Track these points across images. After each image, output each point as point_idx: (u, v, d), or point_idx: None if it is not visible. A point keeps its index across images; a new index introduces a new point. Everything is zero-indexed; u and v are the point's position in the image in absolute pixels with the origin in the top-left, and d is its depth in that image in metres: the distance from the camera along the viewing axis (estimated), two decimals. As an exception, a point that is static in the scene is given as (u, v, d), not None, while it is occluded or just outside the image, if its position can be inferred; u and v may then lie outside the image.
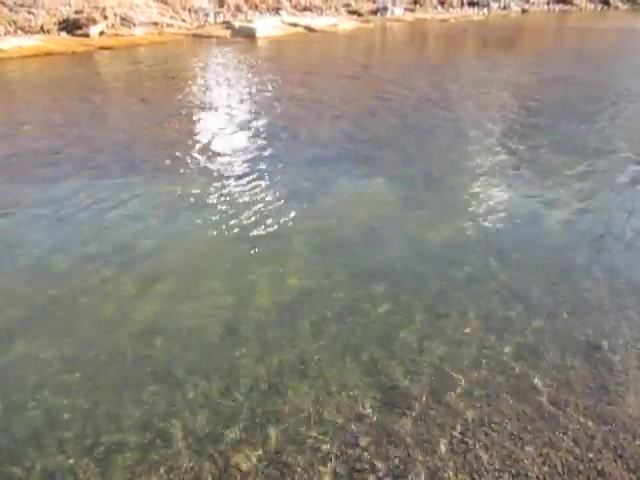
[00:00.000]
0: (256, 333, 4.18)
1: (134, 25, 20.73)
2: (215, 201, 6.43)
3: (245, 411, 3.47)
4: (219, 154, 8.05)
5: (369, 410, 3.49)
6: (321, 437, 3.30)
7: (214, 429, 3.34)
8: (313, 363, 3.89)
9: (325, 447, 3.23)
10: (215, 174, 7.26)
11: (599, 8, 33.45)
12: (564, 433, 3.35)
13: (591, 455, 3.21)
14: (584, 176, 7.35)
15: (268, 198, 6.54)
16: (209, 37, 20.85)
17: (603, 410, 3.52)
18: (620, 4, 33.95)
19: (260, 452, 3.19)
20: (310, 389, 3.66)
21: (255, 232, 5.73)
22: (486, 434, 3.32)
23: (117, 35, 19.76)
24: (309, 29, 22.94)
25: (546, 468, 3.11)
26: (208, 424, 3.38)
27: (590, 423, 3.42)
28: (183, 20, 23.22)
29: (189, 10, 24.07)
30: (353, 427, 3.37)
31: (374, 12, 27.50)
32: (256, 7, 25.54)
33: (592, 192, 6.84)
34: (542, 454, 3.20)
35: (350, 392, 3.64)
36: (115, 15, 20.86)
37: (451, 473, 3.07)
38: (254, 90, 12.16)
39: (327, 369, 3.83)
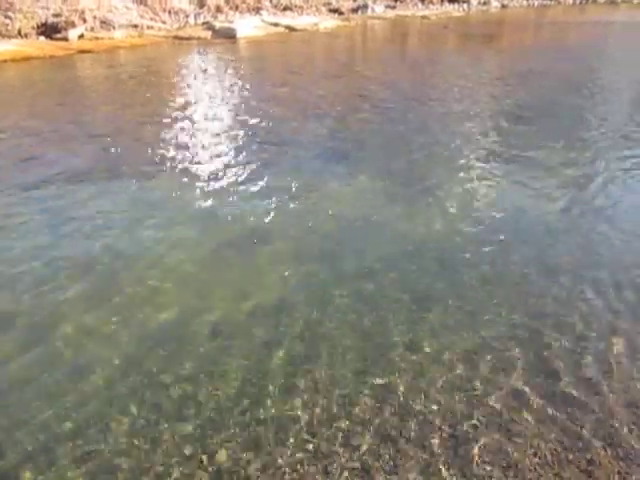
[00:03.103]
0: (244, 336, 4.16)
1: (114, 28, 20.51)
2: (199, 203, 6.39)
3: (235, 413, 3.45)
4: (202, 156, 8.00)
5: (360, 408, 3.48)
6: (311, 437, 3.29)
7: (203, 432, 3.31)
8: (301, 363, 3.87)
9: (316, 445, 3.22)
10: (198, 176, 7.21)
11: (578, 1, 33.76)
12: (553, 423, 3.36)
13: (580, 445, 3.23)
14: (566, 167, 7.40)
15: (253, 198, 6.50)
16: (190, 39, 20.69)
17: (590, 399, 3.55)
18: (598, -3, 34.29)
19: (252, 455, 3.18)
20: (299, 389, 3.64)
21: (240, 232, 5.70)
22: (475, 428, 3.33)
23: (97, 38, 19.53)
24: (290, 28, 22.86)
25: (536, 459, 3.12)
26: (197, 427, 3.34)
27: (579, 413, 3.45)
28: (163, 22, 23.03)
29: (169, 12, 23.87)
30: (345, 427, 3.36)
31: (355, 10, 27.47)
32: (237, 7, 25.40)
33: (575, 182, 6.90)
34: (532, 445, 3.21)
35: (341, 391, 3.63)
36: (94, 18, 20.62)
37: (442, 468, 3.07)
38: (236, 91, 12.10)
39: (316, 369, 3.82)
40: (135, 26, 21.51)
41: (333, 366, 3.84)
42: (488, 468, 3.07)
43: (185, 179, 7.10)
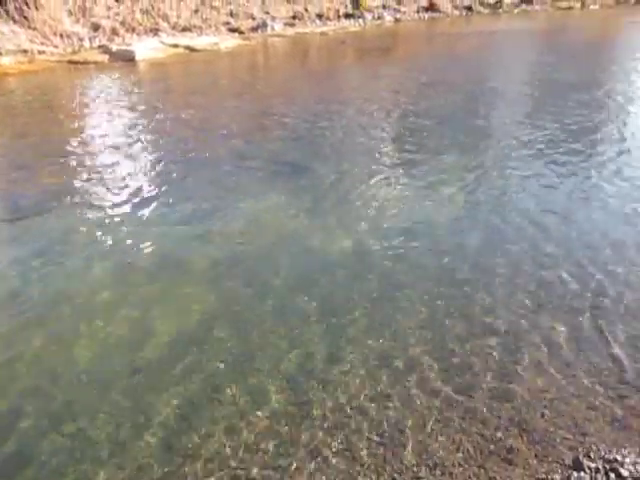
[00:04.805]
0: (161, 367, 4.03)
1: (0, 54, 19.38)
2: (108, 235, 6.13)
3: (158, 448, 3.33)
4: (106, 186, 7.65)
5: (284, 426, 3.47)
6: (237, 463, 3.23)
7: (126, 474, 3.16)
8: (224, 384, 3.81)
9: (243, 469, 3.17)
10: (105, 206, 6.91)
11: (464, 14, 35.80)
12: (472, 417, 3.51)
13: (499, 434, 3.39)
14: (469, 172, 7.80)
15: (164, 224, 6.35)
16: (86, 63, 19.91)
17: (505, 390, 3.74)
18: (482, 9, 36.55)
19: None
20: (221, 412, 3.58)
21: (155, 260, 5.55)
22: (401, 432, 3.41)
23: (-19, 66, 18.36)
24: (190, 49, 22.57)
25: (460, 454, 3.24)
26: (117, 468, 3.19)
27: (495, 404, 3.62)
28: (55, 46, 22.02)
29: (61, 35, 22.85)
30: (269, 444, 3.32)
31: (255, 29, 27.57)
32: (133, 30, 24.74)
33: (477, 187, 7.29)
34: (454, 441, 3.33)
35: (264, 411, 3.59)
36: (-23, 45, 19.38)
37: (372, 476, 3.11)
38: (138, 116, 11.76)
39: (239, 392, 3.77)
40: (25, 51, 20.43)
41: (255, 384, 3.81)
42: (415, 470, 3.14)
43: (88, 211, 6.77)
